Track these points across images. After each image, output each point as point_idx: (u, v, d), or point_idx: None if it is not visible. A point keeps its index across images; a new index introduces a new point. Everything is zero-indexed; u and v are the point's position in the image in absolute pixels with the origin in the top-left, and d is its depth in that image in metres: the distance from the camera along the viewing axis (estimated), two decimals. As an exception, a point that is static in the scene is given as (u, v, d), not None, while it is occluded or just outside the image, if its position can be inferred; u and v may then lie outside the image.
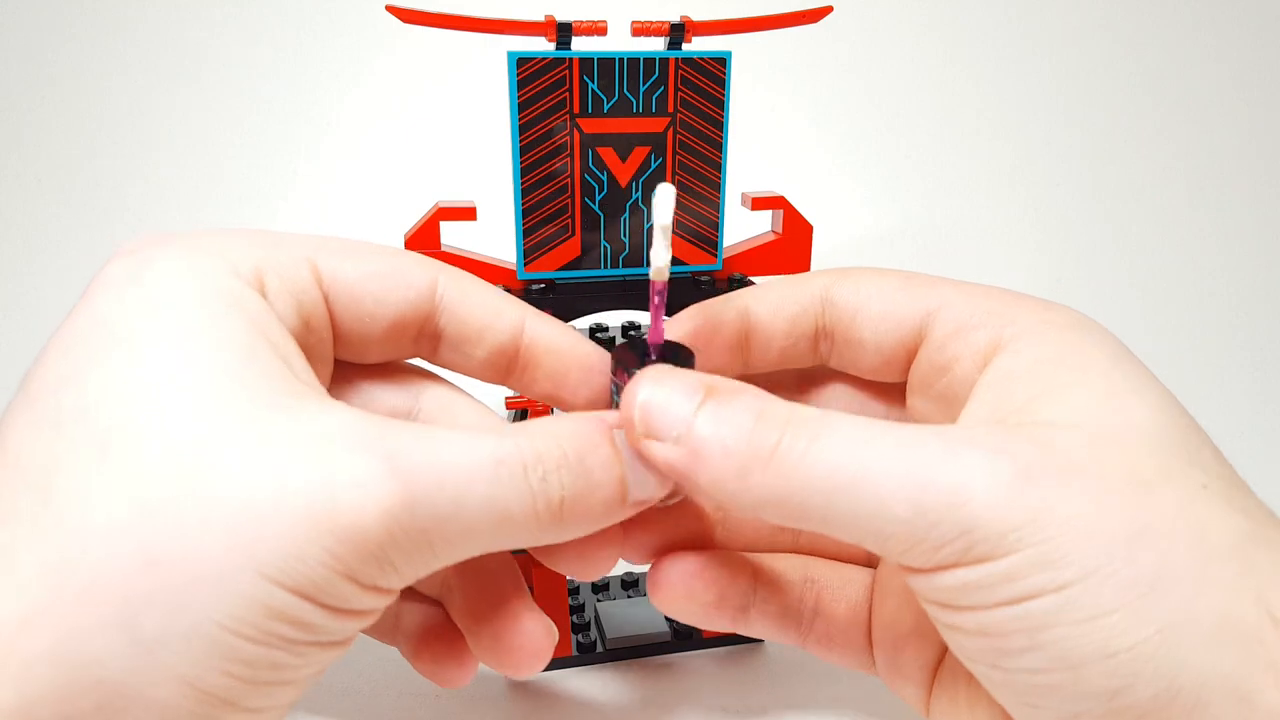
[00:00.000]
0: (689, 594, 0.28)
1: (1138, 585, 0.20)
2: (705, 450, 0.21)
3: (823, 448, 0.21)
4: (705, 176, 0.34)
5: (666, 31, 0.32)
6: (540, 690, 0.35)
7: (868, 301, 0.28)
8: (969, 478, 0.20)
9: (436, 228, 0.33)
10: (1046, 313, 0.25)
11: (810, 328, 0.28)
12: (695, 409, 0.22)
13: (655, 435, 0.22)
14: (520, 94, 0.31)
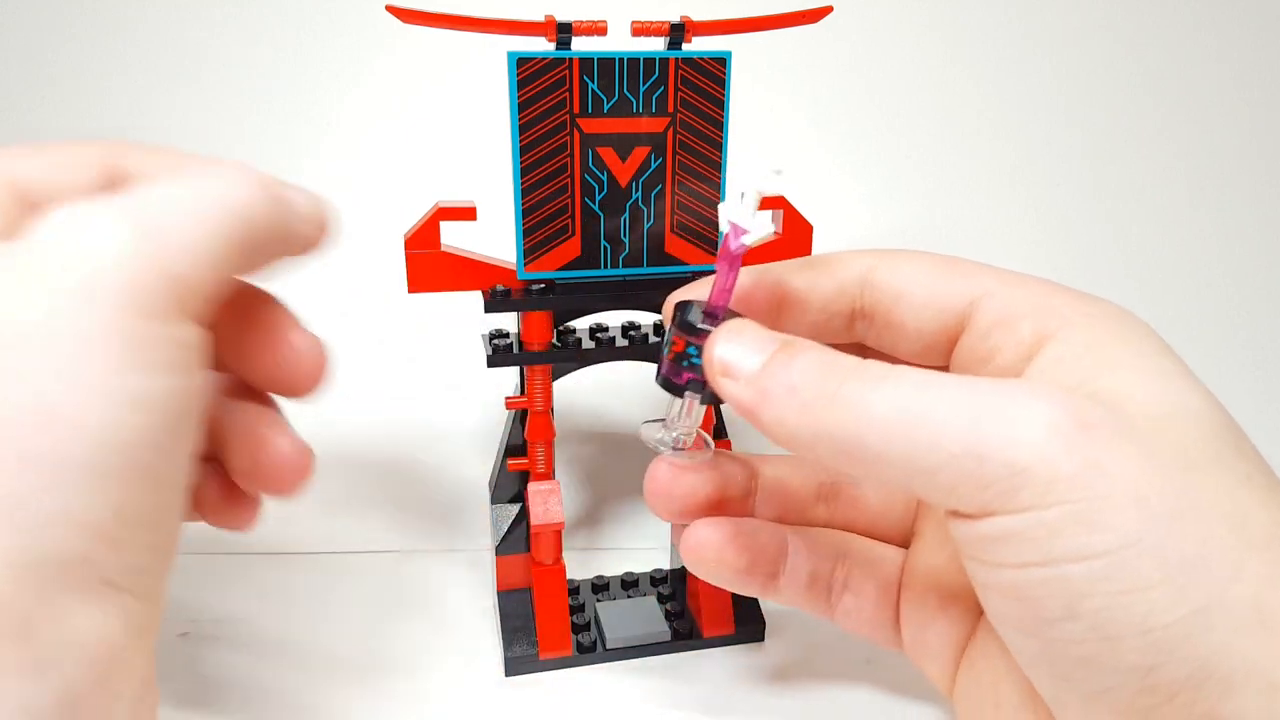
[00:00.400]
0: (720, 559, 0.29)
1: (1178, 563, 0.20)
2: (772, 389, 0.23)
3: (885, 389, 0.22)
4: (705, 177, 0.34)
5: (666, 31, 0.32)
6: (540, 690, 0.35)
7: (910, 287, 0.28)
8: (1025, 419, 0.21)
9: (436, 228, 0.33)
10: (1091, 305, 0.26)
11: (846, 307, 0.29)
12: (769, 355, 0.24)
13: (730, 375, 0.24)
14: (520, 94, 0.31)
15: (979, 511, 0.21)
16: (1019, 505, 0.21)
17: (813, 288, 0.29)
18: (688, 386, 0.27)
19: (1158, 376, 0.23)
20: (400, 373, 0.49)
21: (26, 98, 0.50)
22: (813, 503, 0.32)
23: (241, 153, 0.51)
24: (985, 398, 0.21)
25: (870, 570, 0.31)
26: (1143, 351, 0.24)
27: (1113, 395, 0.23)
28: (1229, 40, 0.54)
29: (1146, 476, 0.20)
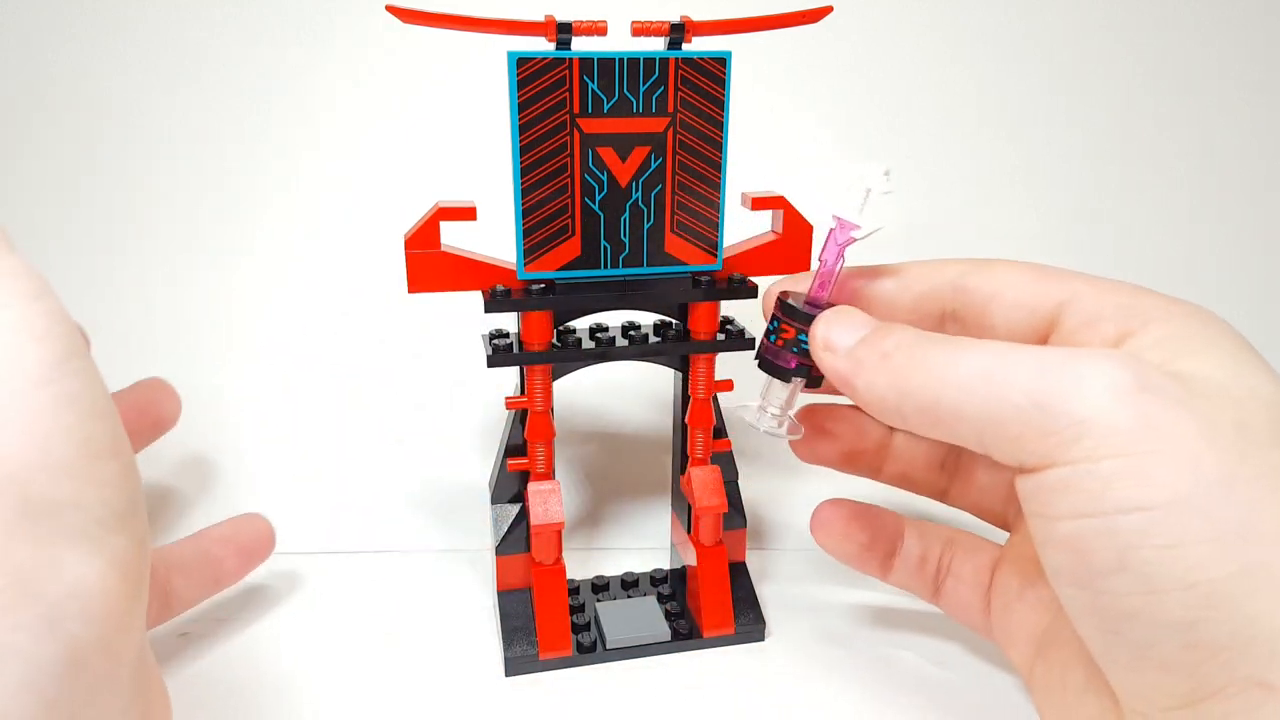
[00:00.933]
0: (846, 534, 0.34)
1: (1225, 524, 0.21)
2: (866, 357, 0.26)
3: (967, 355, 0.25)
4: (705, 176, 0.34)
5: (666, 31, 0.32)
6: (540, 690, 0.35)
7: (1002, 290, 0.30)
8: (1091, 376, 0.22)
9: (436, 228, 0.33)
10: (1174, 305, 0.27)
11: (936, 309, 0.31)
12: (868, 331, 0.27)
13: (831, 349, 0.27)
14: (520, 94, 0.31)
15: (1040, 462, 0.23)
16: (1077, 456, 0.22)
17: (905, 288, 0.31)
18: (795, 371, 0.30)
19: (1234, 364, 0.24)
20: (400, 373, 0.49)
21: (26, 98, 0.50)
22: (936, 469, 0.36)
23: (242, 153, 0.51)
24: (1056, 357, 0.23)
25: (970, 557, 0.34)
26: (1222, 344, 0.25)
27: (1185, 374, 0.24)
28: (1231, 39, 0.54)
29: (1203, 442, 0.21)
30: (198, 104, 0.50)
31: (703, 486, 0.37)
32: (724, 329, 0.37)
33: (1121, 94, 0.54)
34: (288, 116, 0.51)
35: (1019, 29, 0.53)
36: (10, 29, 0.49)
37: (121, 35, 0.50)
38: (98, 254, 0.50)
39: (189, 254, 0.50)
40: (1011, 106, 0.54)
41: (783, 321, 0.29)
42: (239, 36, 0.50)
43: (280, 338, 0.50)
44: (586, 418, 0.48)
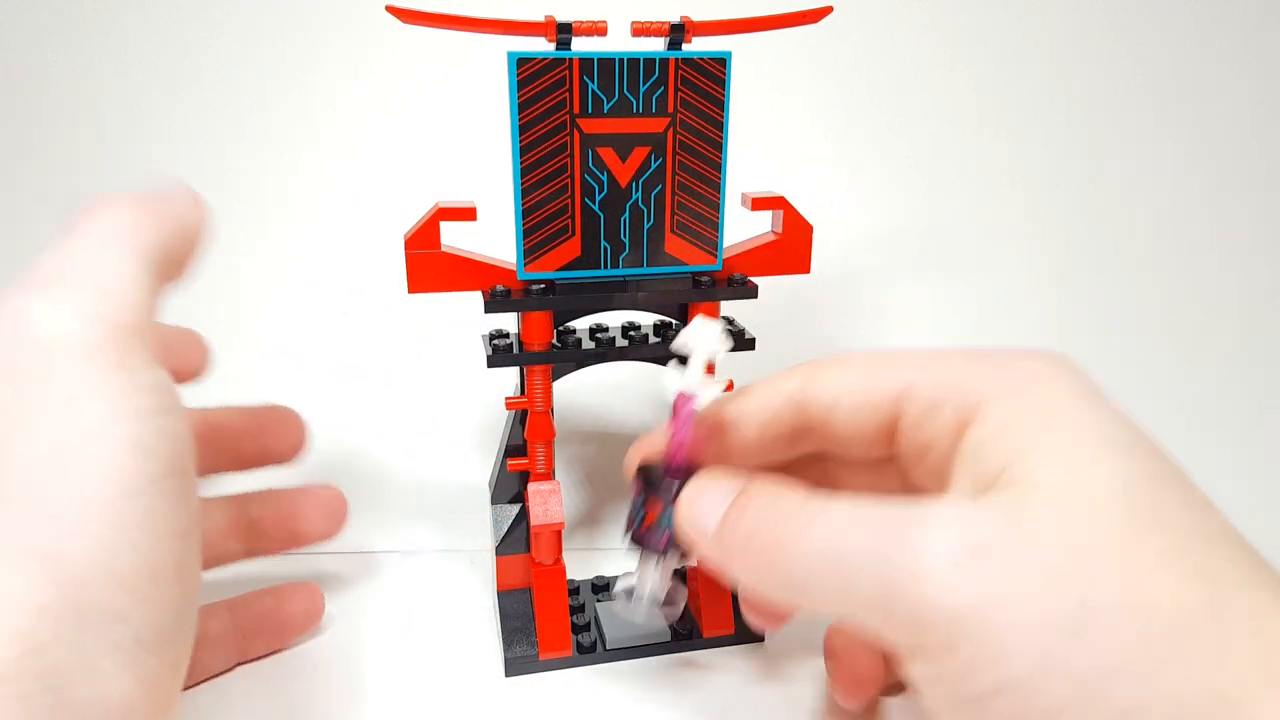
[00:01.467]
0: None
1: (1086, 679, 0.19)
2: (731, 546, 0.25)
3: (815, 533, 0.23)
4: (705, 176, 0.34)
5: (666, 32, 0.32)
6: (540, 690, 0.35)
7: (840, 397, 0.28)
8: (923, 555, 0.21)
9: (436, 228, 0.33)
10: (1009, 372, 0.25)
11: (785, 429, 0.29)
12: (723, 515, 0.26)
13: (697, 537, 0.26)
14: (520, 94, 0.31)
15: (904, 654, 0.22)
16: (930, 650, 0.21)
17: (750, 420, 0.30)
18: (668, 547, 0.29)
19: (1072, 451, 0.22)
20: (400, 373, 0.49)
21: (26, 98, 0.50)
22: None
23: (242, 153, 0.51)
24: (889, 538, 0.22)
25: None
26: (1060, 416, 0.23)
27: (1025, 484, 0.22)
28: (1232, 40, 0.54)
29: (1047, 587, 0.20)
30: (198, 103, 0.50)
31: (703, 486, 0.37)
32: (724, 329, 0.37)
33: (1121, 93, 0.54)
34: (288, 116, 0.51)
35: (1018, 29, 0.53)
36: (10, 29, 0.49)
37: (122, 35, 0.50)
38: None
39: (189, 254, 0.51)
40: (1011, 106, 0.54)
41: (648, 499, 0.29)
42: (239, 36, 0.50)
43: (280, 338, 0.50)
44: (586, 418, 0.48)
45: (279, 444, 0.38)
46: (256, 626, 0.36)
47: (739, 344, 0.36)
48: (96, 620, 0.21)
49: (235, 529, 0.36)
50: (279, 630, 0.36)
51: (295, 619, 0.37)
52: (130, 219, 0.25)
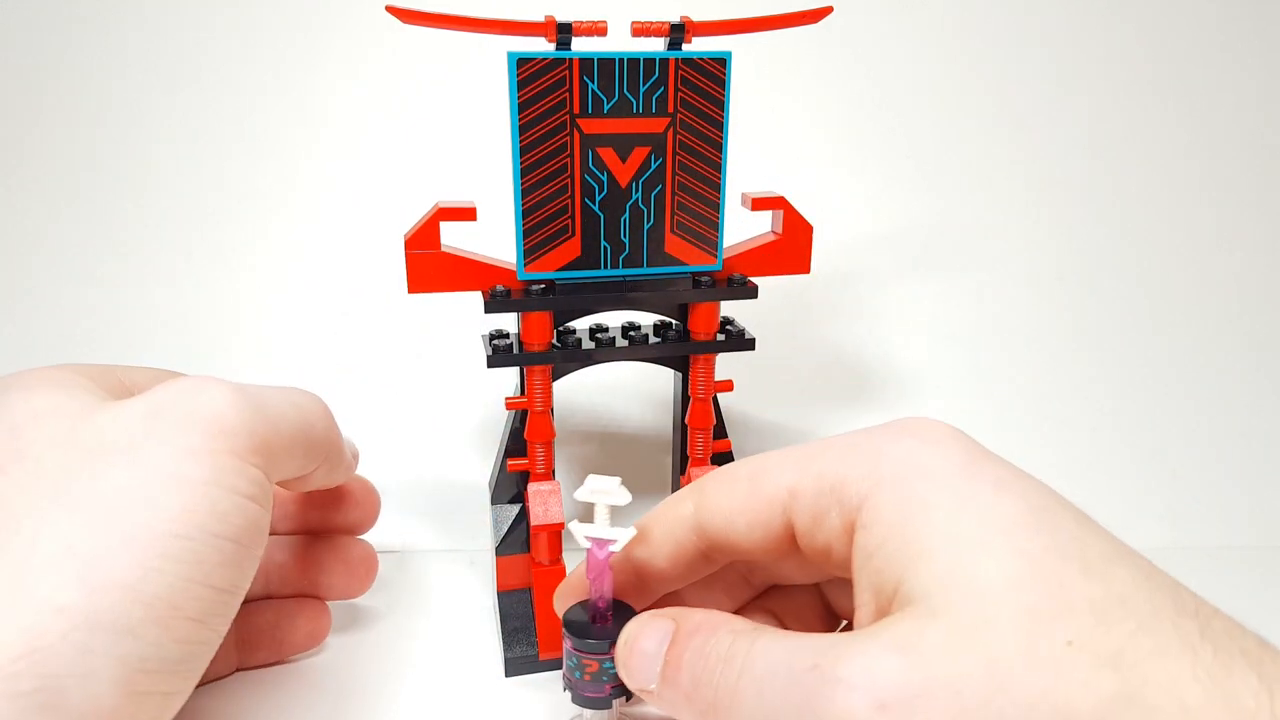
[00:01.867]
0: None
1: None
2: (674, 700, 0.25)
3: (744, 685, 0.23)
4: (705, 176, 0.34)
5: (666, 32, 0.32)
6: (540, 690, 0.35)
7: (730, 520, 0.28)
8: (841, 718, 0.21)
9: (436, 228, 0.33)
10: (881, 461, 0.25)
11: (694, 555, 0.29)
12: (659, 671, 0.26)
13: (645, 693, 0.26)
14: (520, 94, 0.31)
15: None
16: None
17: (658, 556, 0.29)
18: (613, 695, 0.29)
19: (952, 561, 0.22)
20: (400, 373, 0.49)
21: (25, 99, 0.50)
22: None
23: (242, 153, 0.51)
24: (811, 695, 0.22)
25: None
26: (935, 516, 0.23)
27: (920, 607, 0.22)
28: (1235, 40, 0.54)
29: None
30: (198, 104, 0.50)
31: (703, 487, 0.37)
32: (724, 329, 0.37)
33: (1123, 92, 0.54)
34: (288, 117, 0.51)
35: (1019, 28, 0.53)
36: (10, 29, 0.49)
37: (121, 35, 0.50)
38: (97, 254, 0.50)
39: (189, 254, 0.51)
40: (1012, 106, 0.54)
41: (582, 657, 0.29)
42: (239, 37, 0.50)
43: (280, 338, 0.50)
44: (586, 418, 0.48)
45: (356, 521, 0.38)
46: (258, 639, 0.35)
47: (739, 344, 0.36)
48: (109, 629, 0.22)
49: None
50: (280, 645, 0.36)
51: (298, 637, 0.36)
52: (313, 406, 0.31)
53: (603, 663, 0.29)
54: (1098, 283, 0.54)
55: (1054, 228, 0.54)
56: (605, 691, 0.30)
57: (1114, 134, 0.55)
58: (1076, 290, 0.54)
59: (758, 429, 0.49)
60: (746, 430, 0.48)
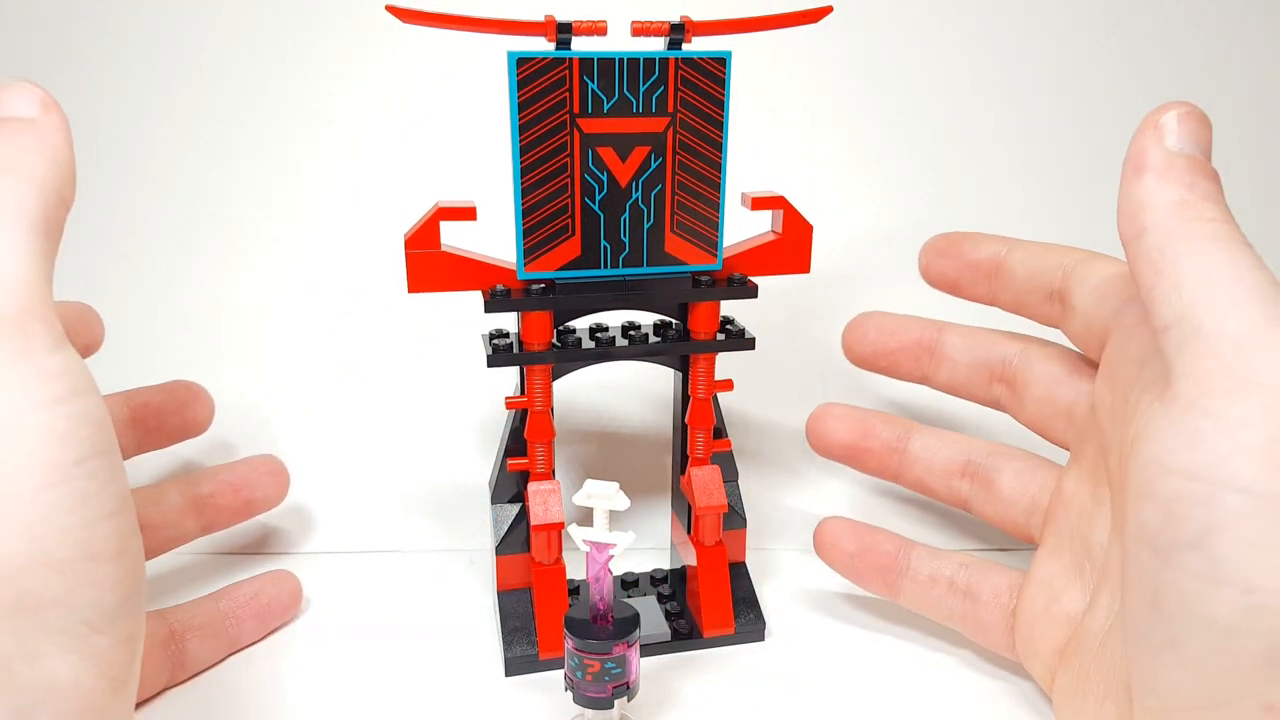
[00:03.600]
0: (834, 544, 0.38)
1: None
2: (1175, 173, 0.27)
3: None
4: (705, 176, 0.34)
5: (666, 31, 0.32)
6: (540, 690, 0.35)
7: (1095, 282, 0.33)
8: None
9: (436, 228, 0.33)
10: None
11: (1045, 288, 0.34)
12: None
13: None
14: (520, 94, 0.31)
15: (1195, 398, 0.23)
16: (1230, 416, 0.22)
17: (1019, 264, 0.36)
18: (614, 696, 0.30)
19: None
20: (400, 373, 0.49)
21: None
22: (957, 477, 0.37)
23: (241, 153, 0.51)
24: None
25: (986, 579, 0.35)
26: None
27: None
28: (1237, 41, 0.54)
29: None
30: (197, 104, 0.50)
31: (703, 486, 0.37)
32: (724, 329, 0.37)
33: (1124, 92, 0.54)
34: (287, 116, 0.51)
35: (1020, 28, 0.53)
36: (9, 29, 0.49)
37: (121, 34, 0.50)
38: (97, 255, 0.50)
39: (189, 254, 0.51)
40: (1013, 105, 0.54)
41: (584, 657, 0.30)
42: (239, 36, 0.50)
43: (280, 338, 0.50)
44: (586, 418, 0.48)
45: (195, 415, 0.40)
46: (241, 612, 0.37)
47: (739, 344, 0.36)
48: (34, 608, 0.21)
49: (189, 508, 0.38)
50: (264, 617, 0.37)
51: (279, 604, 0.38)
52: (4, 183, 0.23)
53: (604, 663, 0.29)
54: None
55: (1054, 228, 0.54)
56: (607, 691, 0.30)
57: (1116, 133, 0.55)
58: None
59: (758, 429, 0.49)
60: (746, 430, 0.48)
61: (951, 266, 0.37)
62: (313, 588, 0.41)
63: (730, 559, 0.38)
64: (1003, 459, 0.37)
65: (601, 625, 0.30)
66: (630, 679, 0.31)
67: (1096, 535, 0.31)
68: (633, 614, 0.31)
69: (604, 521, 0.30)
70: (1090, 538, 0.31)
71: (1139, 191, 0.26)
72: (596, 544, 0.30)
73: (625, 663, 0.30)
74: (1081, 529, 0.32)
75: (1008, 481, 0.36)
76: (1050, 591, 0.32)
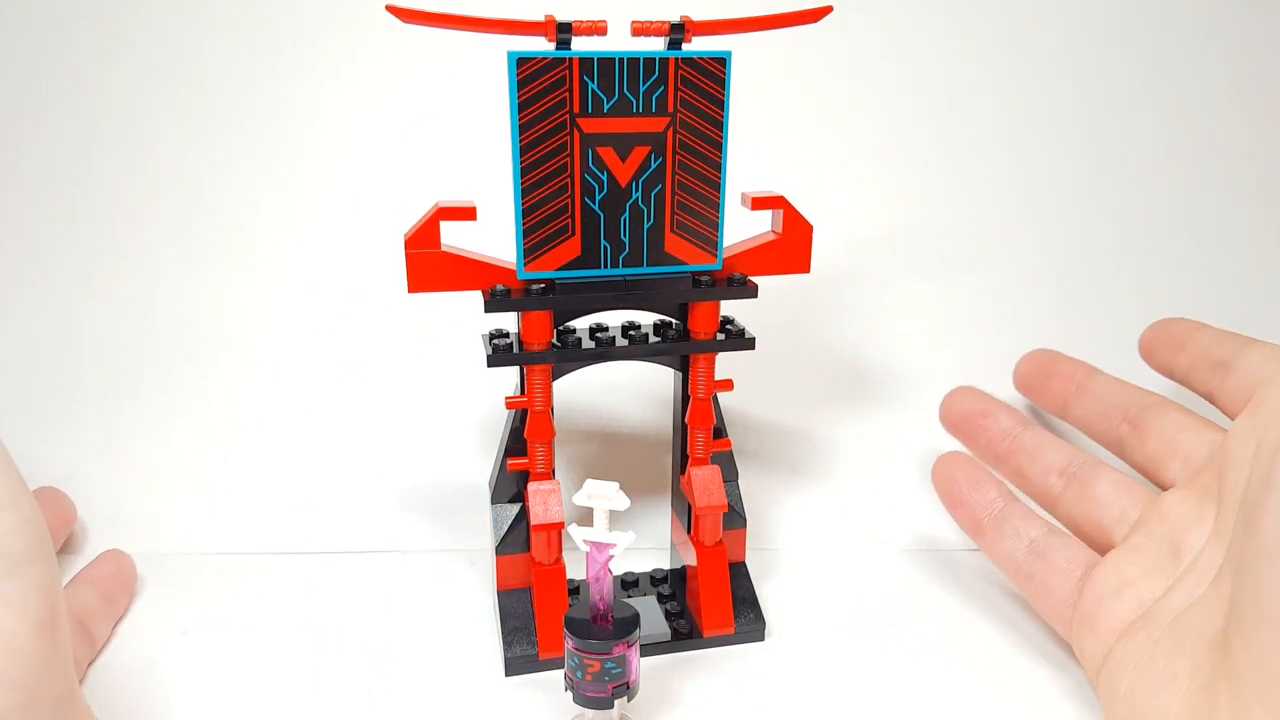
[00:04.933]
0: (948, 472, 0.41)
1: None
2: None
3: None
4: (705, 176, 0.34)
5: (666, 31, 0.32)
6: (540, 690, 0.35)
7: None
8: None
9: (436, 228, 0.33)
10: None
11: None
12: None
13: None
14: (520, 94, 0.31)
15: None
16: None
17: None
18: (614, 696, 0.30)
19: None
20: (400, 373, 0.49)
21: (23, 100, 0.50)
22: (1055, 474, 0.39)
23: (241, 153, 0.51)
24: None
25: (1065, 549, 0.37)
26: None
27: None
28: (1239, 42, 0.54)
29: None
30: (197, 104, 0.50)
31: (703, 486, 0.37)
32: (724, 329, 0.37)
33: (1124, 92, 0.54)
34: (287, 116, 0.51)
35: (1020, 27, 0.53)
36: (8, 29, 0.49)
37: (121, 34, 0.50)
38: (96, 255, 0.50)
39: (189, 254, 0.50)
40: (1013, 105, 0.54)
41: (584, 657, 0.30)
42: (239, 36, 0.50)
43: (280, 338, 0.50)
44: (586, 417, 0.48)
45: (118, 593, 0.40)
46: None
47: (739, 344, 0.36)
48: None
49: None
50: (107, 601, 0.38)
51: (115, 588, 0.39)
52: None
53: (604, 663, 0.29)
54: (1099, 284, 0.54)
55: (1055, 228, 0.54)
56: (607, 691, 0.30)
57: (1117, 133, 0.55)
58: (1077, 291, 0.54)
59: (758, 429, 0.49)
60: (746, 430, 0.48)
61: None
62: (314, 587, 0.41)
63: (730, 559, 0.38)
64: (1104, 469, 0.38)
65: (601, 625, 0.30)
66: (630, 679, 0.31)
67: (1191, 540, 0.32)
68: (633, 614, 0.31)
69: (604, 521, 0.30)
70: (1183, 541, 0.33)
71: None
72: (596, 544, 0.30)
73: (625, 663, 0.30)
74: (1174, 534, 0.33)
75: (1105, 488, 0.38)
76: (1124, 576, 0.34)
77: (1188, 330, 0.40)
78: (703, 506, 0.37)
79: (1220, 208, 0.56)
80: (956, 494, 0.41)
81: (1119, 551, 0.35)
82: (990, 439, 0.42)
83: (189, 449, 0.46)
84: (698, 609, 0.38)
